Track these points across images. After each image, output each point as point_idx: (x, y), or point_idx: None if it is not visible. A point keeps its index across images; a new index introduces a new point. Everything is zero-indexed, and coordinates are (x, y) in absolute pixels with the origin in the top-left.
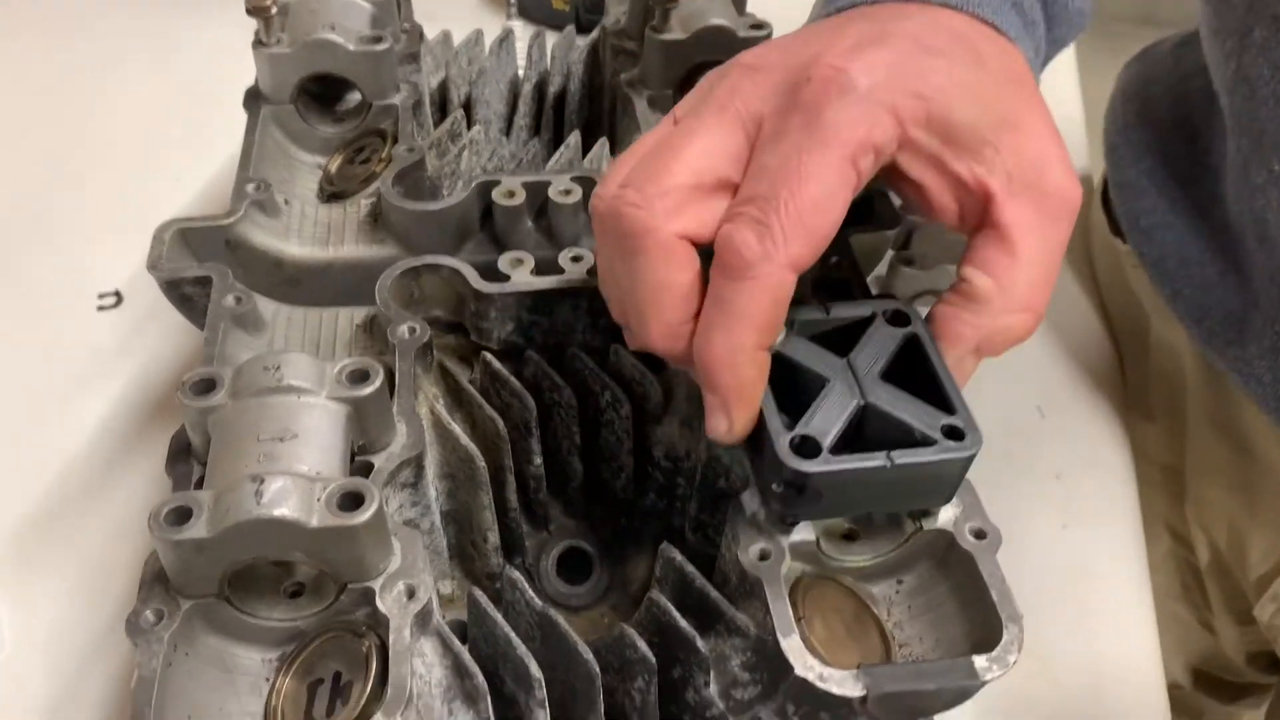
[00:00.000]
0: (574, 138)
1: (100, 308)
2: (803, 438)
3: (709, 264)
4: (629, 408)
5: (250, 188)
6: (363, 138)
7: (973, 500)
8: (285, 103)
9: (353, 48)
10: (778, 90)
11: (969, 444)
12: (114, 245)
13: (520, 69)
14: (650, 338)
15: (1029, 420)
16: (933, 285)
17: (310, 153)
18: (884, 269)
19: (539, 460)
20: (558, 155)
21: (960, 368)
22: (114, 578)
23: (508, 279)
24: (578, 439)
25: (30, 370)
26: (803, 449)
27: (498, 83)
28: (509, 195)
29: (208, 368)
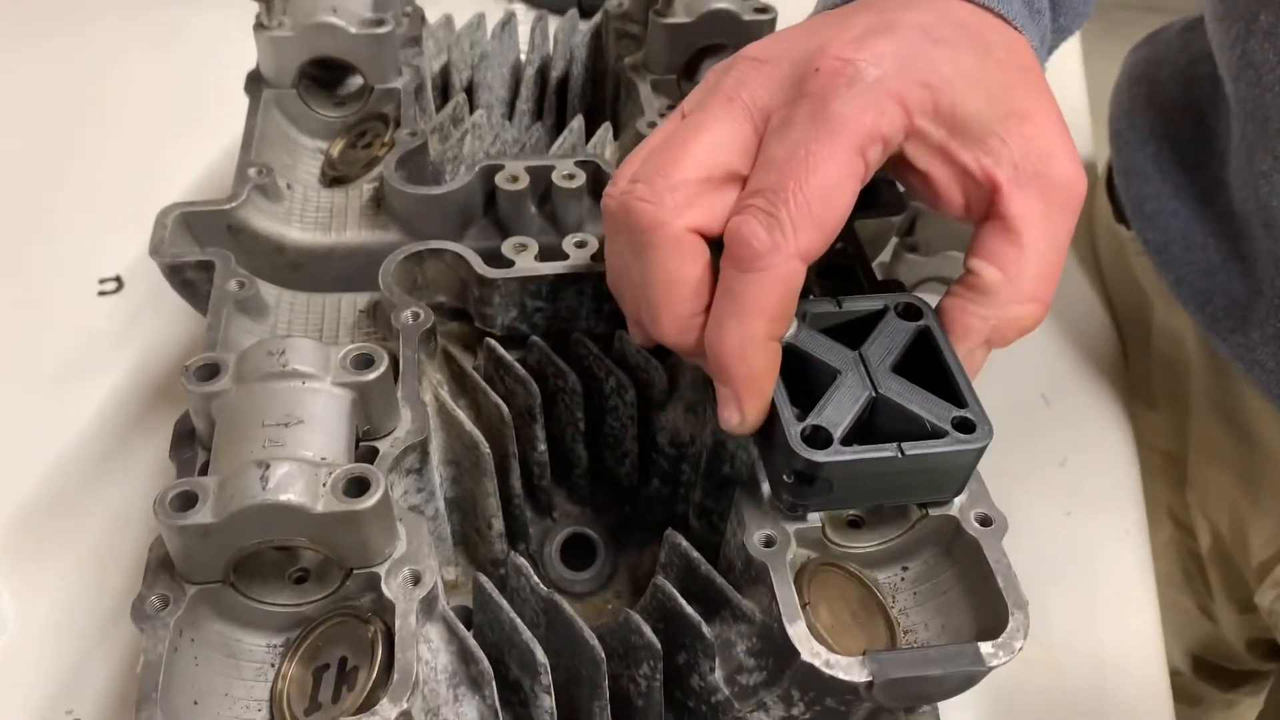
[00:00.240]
0: (577, 122)
1: (101, 293)
2: (814, 428)
3: (720, 256)
4: (633, 394)
5: (252, 172)
6: (365, 122)
7: (978, 487)
8: (287, 86)
9: (354, 31)
10: (785, 82)
11: (979, 436)
12: (115, 230)
13: (523, 53)
14: (663, 331)
15: (1034, 407)
16: (937, 272)
17: (312, 137)
18: (888, 255)
19: (543, 446)
20: (561, 140)
21: (971, 360)
22: (117, 562)
23: (511, 264)
24: (582, 425)
25: (31, 356)
26: (814, 439)
27: (500, 67)
28: (512, 180)
29: (211, 353)
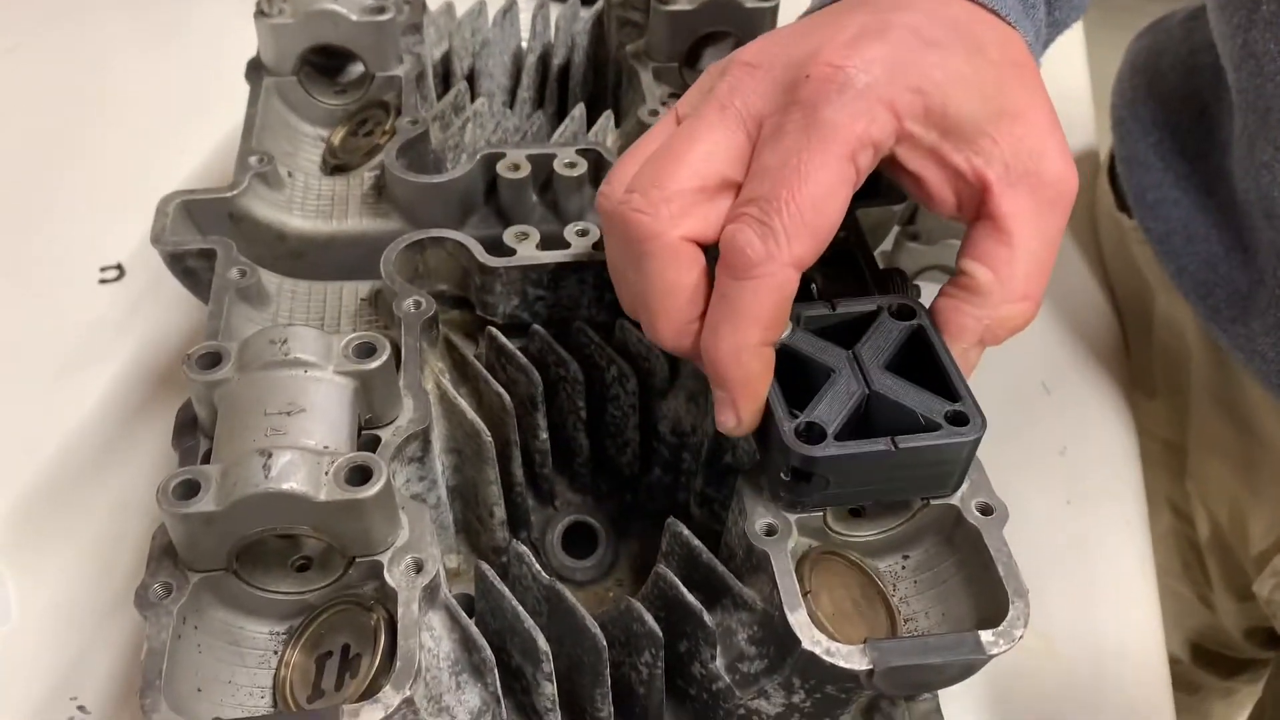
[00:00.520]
0: (578, 110)
1: (102, 281)
2: (808, 424)
3: (715, 262)
4: (635, 382)
5: (253, 160)
6: (366, 109)
7: (979, 476)
8: (288, 74)
9: (355, 18)
10: (777, 87)
11: (972, 429)
12: (116, 218)
13: (524, 40)
14: (660, 336)
15: (1034, 396)
16: (938, 260)
17: (313, 124)
18: (890, 244)
19: (545, 435)
20: (562, 128)
21: (965, 359)
22: (120, 550)
23: (513, 253)
24: (584, 414)
25: (33, 344)
26: (808, 435)
27: (501, 54)
28: (514, 168)
29: (213, 341)
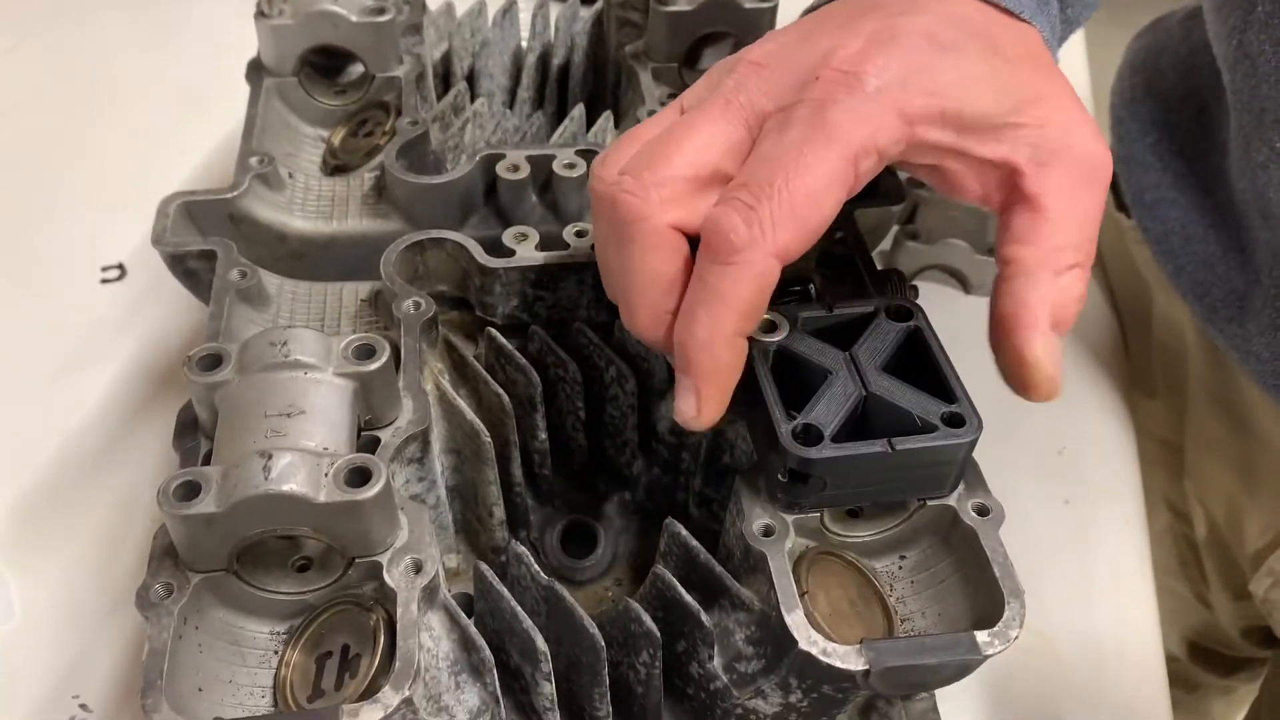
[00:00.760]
0: (578, 111)
1: (104, 280)
2: (805, 426)
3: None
4: (634, 383)
5: (253, 161)
6: (366, 110)
7: (975, 476)
8: (288, 75)
9: (355, 19)
10: (784, 88)
11: (968, 430)
12: (117, 218)
13: (524, 40)
14: (635, 322)
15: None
16: (937, 259)
17: (313, 125)
18: (889, 244)
19: (544, 435)
20: (562, 129)
21: (1051, 352)
22: (122, 549)
23: (512, 254)
24: (582, 414)
25: (35, 343)
26: (805, 436)
27: (501, 54)
28: (513, 169)
29: (214, 343)
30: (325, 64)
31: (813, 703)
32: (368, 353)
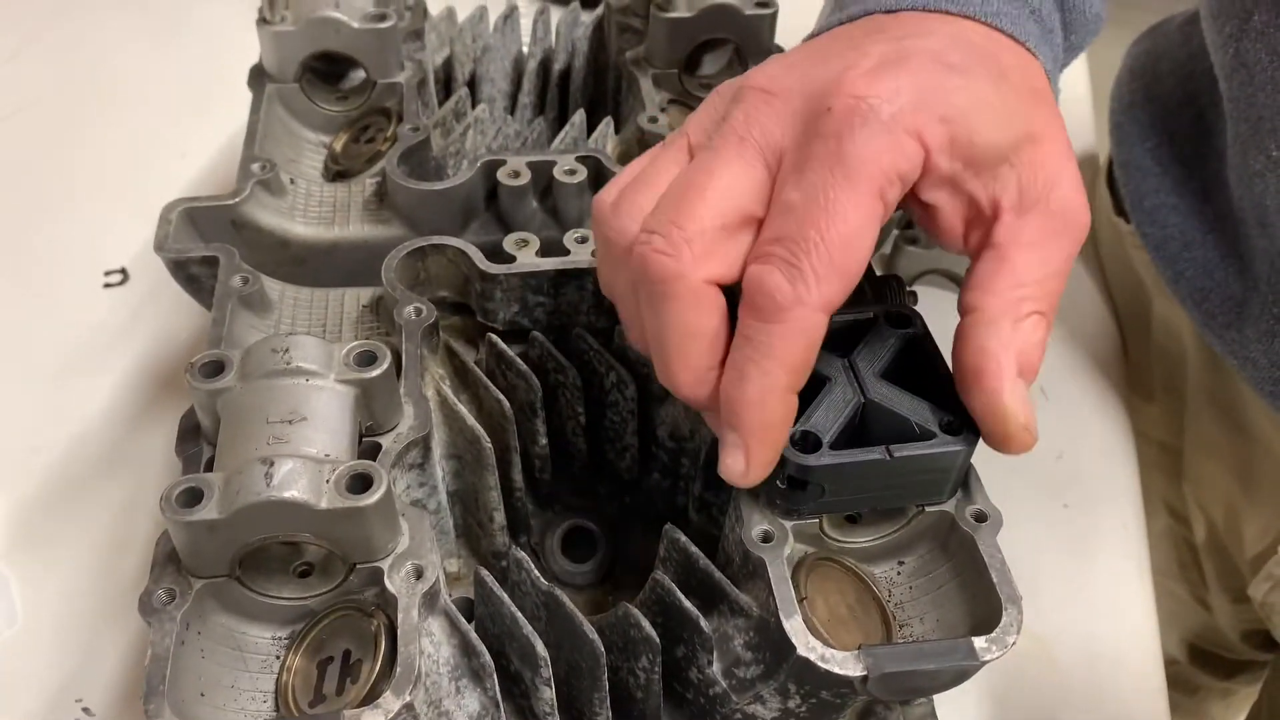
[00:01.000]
0: (578, 116)
1: (106, 285)
2: (803, 433)
3: (734, 302)
4: (634, 388)
5: (255, 167)
6: (367, 116)
7: (974, 482)
8: (290, 81)
9: (357, 25)
10: (796, 118)
11: (966, 438)
12: (120, 223)
13: (525, 46)
14: (676, 381)
15: (1032, 401)
16: (936, 264)
17: (315, 131)
18: (888, 248)
19: (544, 441)
20: (562, 134)
21: (1020, 399)
22: (125, 551)
23: (513, 260)
24: (583, 419)
25: (38, 348)
26: (803, 444)
27: (502, 60)
28: (514, 175)
29: (216, 350)
30: (327, 70)
31: (811, 708)
32: (369, 359)
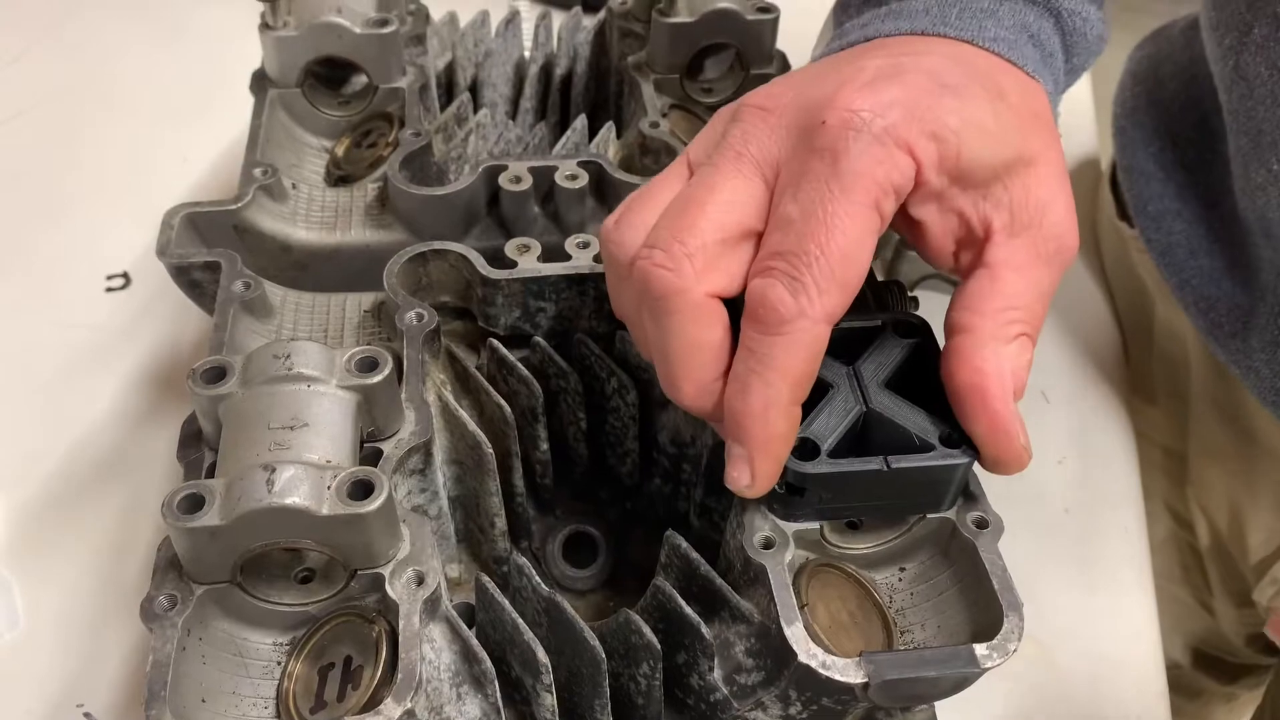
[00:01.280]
0: (580, 121)
1: (109, 289)
2: (803, 440)
3: (734, 313)
4: (635, 394)
5: (257, 172)
6: (369, 121)
7: (976, 489)
8: (292, 86)
9: (359, 30)
10: (792, 133)
11: (965, 451)
12: (122, 227)
13: (526, 50)
14: (682, 395)
15: (1034, 405)
16: (937, 269)
17: (317, 136)
18: (889, 253)
19: (546, 446)
20: (564, 139)
21: (1018, 418)
22: (125, 556)
23: (515, 265)
24: (584, 424)
25: (40, 352)
26: (802, 451)
27: (504, 65)
28: (515, 180)
29: (218, 356)
30: (329, 75)
31: (812, 715)
32: (370, 365)
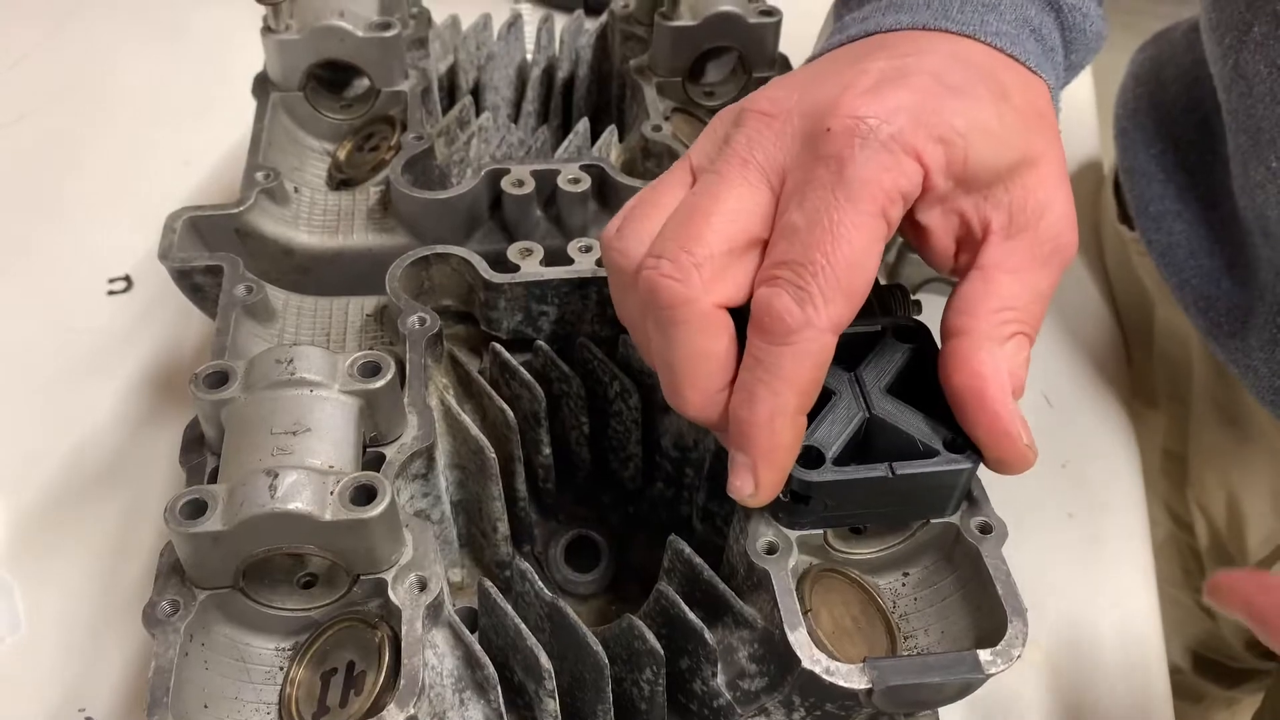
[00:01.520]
0: (582, 125)
1: (111, 292)
2: (806, 447)
3: (738, 321)
4: (638, 398)
5: (259, 175)
6: (371, 124)
7: (979, 494)
8: (294, 89)
9: (361, 34)
10: (797, 138)
11: (969, 457)
12: (124, 230)
13: (529, 53)
14: (687, 405)
15: (1036, 409)
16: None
17: (319, 139)
18: (892, 256)
19: (548, 450)
20: (566, 143)
21: (1020, 417)
22: (128, 561)
23: (517, 269)
24: (586, 429)
25: (42, 355)
26: (806, 459)
27: (506, 68)
28: (518, 184)
29: (220, 361)
30: (331, 78)
31: None
32: (373, 370)
